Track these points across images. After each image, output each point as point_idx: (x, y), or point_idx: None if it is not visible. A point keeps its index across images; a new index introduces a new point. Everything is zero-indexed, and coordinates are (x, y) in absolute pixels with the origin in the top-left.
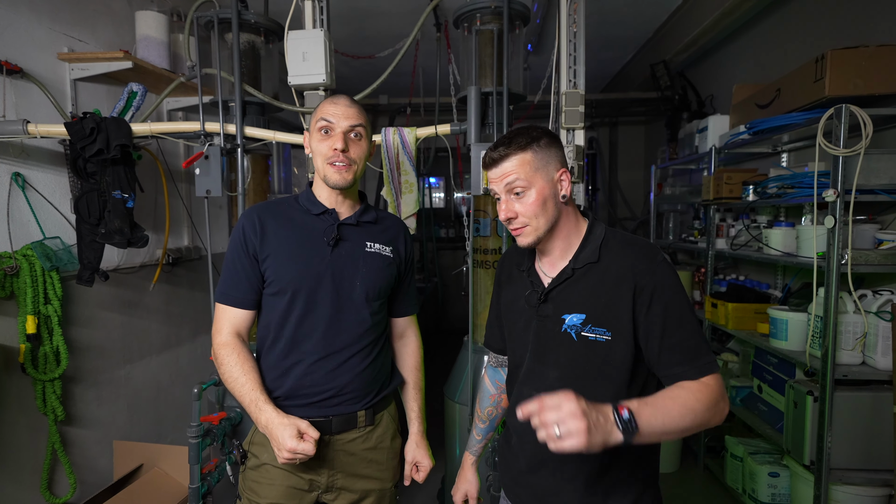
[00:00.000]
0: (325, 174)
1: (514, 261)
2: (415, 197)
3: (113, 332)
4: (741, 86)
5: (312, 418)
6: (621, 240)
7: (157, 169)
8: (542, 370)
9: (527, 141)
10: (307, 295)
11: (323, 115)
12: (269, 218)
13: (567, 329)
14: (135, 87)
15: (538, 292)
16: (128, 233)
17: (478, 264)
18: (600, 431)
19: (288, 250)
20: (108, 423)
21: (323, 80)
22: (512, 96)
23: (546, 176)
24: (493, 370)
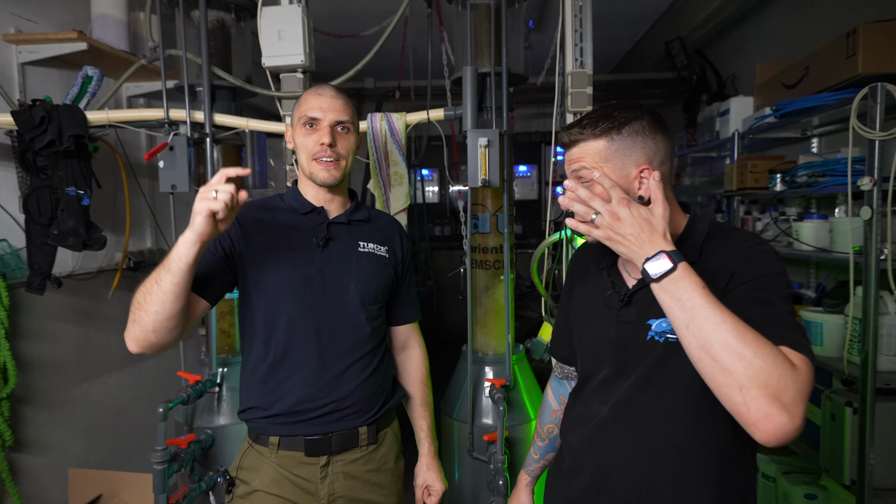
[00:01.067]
0: (312, 171)
1: (593, 255)
2: (405, 190)
3: (67, 347)
4: (766, 64)
5: (310, 436)
6: (727, 235)
7: (115, 162)
8: (616, 382)
9: (606, 127)
10: (296, 300)
11: (307, 108)
12: (252, 217)
13: (654, 337)
14: (90, 72)
15: (620, 294)
16: (83, 234)
17: (476, 264)
18: (637, 235)
19: (274, 252)
20: (63, 449)
21: (301, 61)
22: (512, 77)
23: (619, 170)
24: (559, 382)
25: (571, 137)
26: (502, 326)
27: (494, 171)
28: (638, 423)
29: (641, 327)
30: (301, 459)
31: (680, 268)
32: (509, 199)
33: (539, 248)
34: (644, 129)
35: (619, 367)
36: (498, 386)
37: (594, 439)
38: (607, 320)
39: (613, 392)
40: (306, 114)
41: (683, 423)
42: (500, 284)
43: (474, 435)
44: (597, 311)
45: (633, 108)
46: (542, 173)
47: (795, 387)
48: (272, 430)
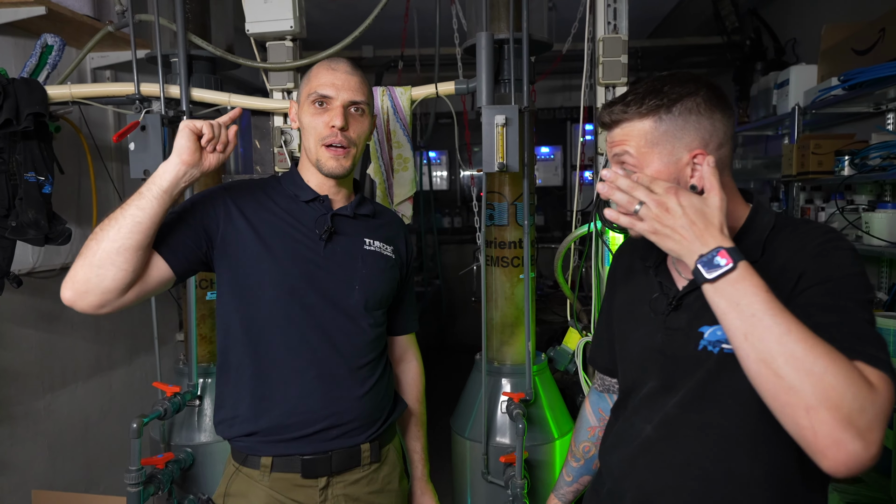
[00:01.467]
0: (319, 158)
1: (638, 253)
2: (410, 176)
3: (28, 353)
4: (833, 26)
5: (307, 455)
6: (796, 228)
7: (79, 144)
8: (662, 398)
9: (654, 104)
10: (292, 299)
11: (318, 85)
12: (246, 197)
13: (707, 346)
14: (49, 40)
15: (668, 296)
16: (45, 226)
17: (492, 261)
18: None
19: (268, 241)
20: (25, 468)
21: (290, 26)
22: (534, 44)
23: (667, 156)
24: (599, 396)
25: (613, 117)
26: (522, 333)
27: (513, 153)
28: (686, 444)
29: (693, 335)
30: (297, 482)
31: (740, 267)
32: (530, 186)
33: (564, 243)
34: (699, 107)
35: (666, 381)
36: (517, 400)
37: (637, 461)
38: (653, 326)
39: (659, 409)
40: (317, 90)
41: (739, 446)
42: (520, 284)
43: (489, 456)
44: (641, 316)
45: (688, 81)
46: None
47: (872, 409)
48: (263, 450)
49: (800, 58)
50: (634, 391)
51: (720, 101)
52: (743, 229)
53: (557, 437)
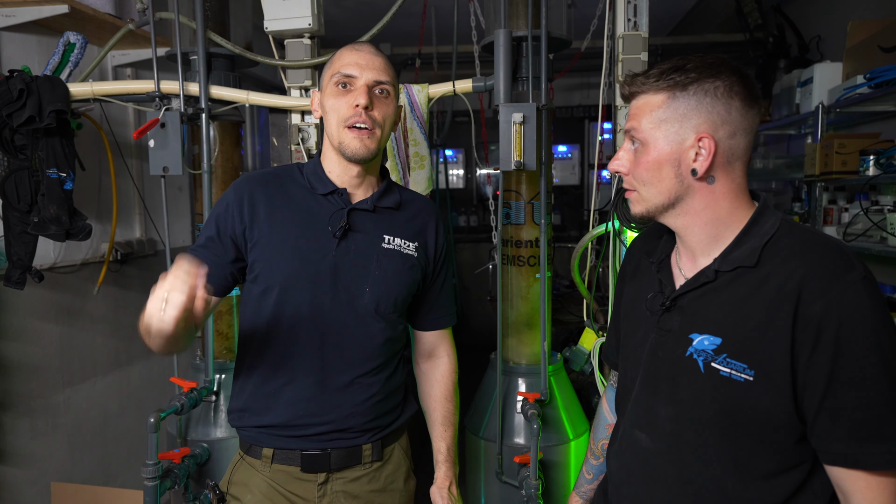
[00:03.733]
0: (342, 140)
1: (648, 247)
2: (427, 174)
3: (49, 348)
4: (859, 23)
5: (308, 451)
6: (800, 239)
7: (100, 140)
8: (651, 404)
9: (672, 81)
10: (300, 297)
11: (342, 65)
12: (262, 194)
13: (694, 354)
14: (72, 38)
15: (664, 295)
16: (66, 222)
17: (509, 260)
18: None
19: (281, 238)
20: (45, 460)
21: (308, 24)
22: (552, 42)
23: (673, 135)
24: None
25: (633, 88)
26: (537, 332)
27: (530, 152)
28: (682, 461)
29: (682, 340)
30: (296, 475)
31: None
32: (547, 184)
33: (581, 243)
34: (717, 91)
35: (651, 383)
36: (532, 401)
37: (634, 472)
38: (649, 326)
39: (650, 416)
40: (340, 70)
41: (734, 468)
42: (536, 284)
43: (504, 456)
44: (640, 314)
45: (715, 64)
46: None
47: None
48: (265, 441)
49: (824, 55)
50: (629, 391)
51: (744, 90)
52: (743, 232)
53: (573, 438)
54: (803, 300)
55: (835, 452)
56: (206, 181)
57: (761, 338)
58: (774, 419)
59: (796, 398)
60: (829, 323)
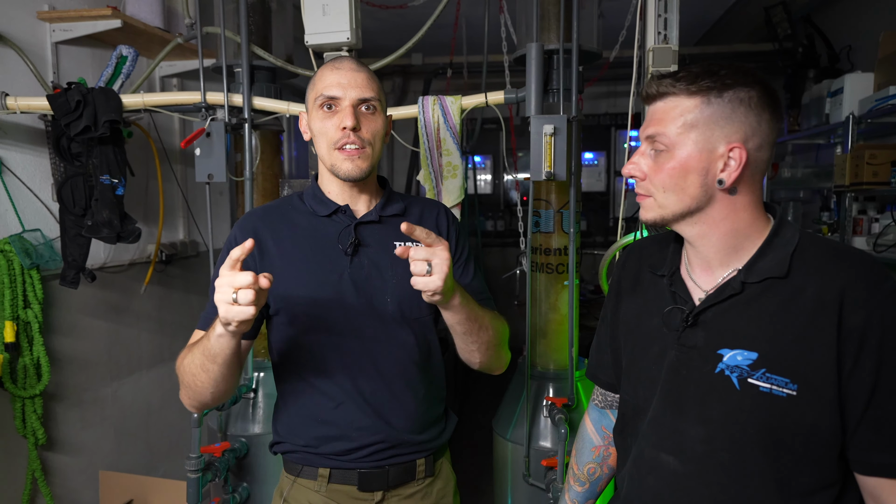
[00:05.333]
0: (334, 163)
1: (648, 260)
2: (459, 183)
3: (98, 343)
4: (892, 33)
5: (364, 469)
6: (826, 249)
7: (148, 148)
8: (676, 425)
9: (706, 85)
10: (326, 321)
11: (324, 87)
12: (267, 229)
13: (726, 370)
14: (124, 51)
15: (683, 311)
16: (117, 225)
17: (537, 267)
18: None
19: (294, 266)
20: (93, 450)
21: (346, 38)
22: (583, 54)
23: (703, 142)
24: (600, 413)
25: (661, 88)
26: (565, 338)
27: (561, 162)
28: (718, 483)
29: (710, 357)
30: (354, 494)
31: None
32: (577, 194)
33: (609, 252)
34: (751, 101)
35: (677, 402)
36: (559, 405)
37: (661, 496)
38: (666, 342)
39: (673, 437)
40: (323, 93)
41: (776, 487)
42: (564, 291)
43: (531, 459)
44: (652, 330)
45: (749, 73)
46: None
47: None
48: (320, 462)
49: (855, 65)
50: (642, 411)
51: (773, 104)
52: (765, 244)
53: None
54: (845, 310)
55: (876, 463)
56: (248, 188)
57: (803, 350)
58: (819, 434)
59: (841, 411)
60: (872, 333)
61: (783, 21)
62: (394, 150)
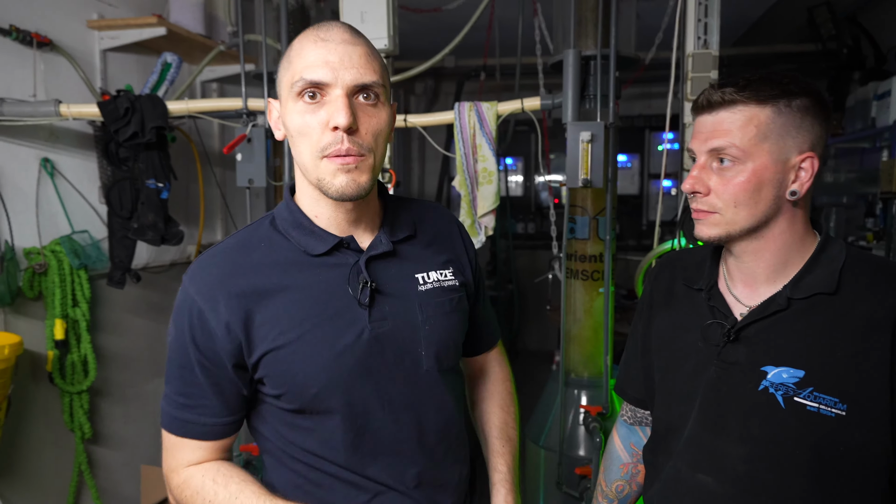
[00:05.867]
0: (320, 177)
1: (683, 273)
2: (494, 189)
3: (140, 340)
4: None
5: None
6: (876, 266)
7: (189, 151)
8: (716, 444)
9: (773, 92)
10: (350, 398)
11: (305, 66)
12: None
13: (770, 388)
14: (169, 59)
15: (724, 326)
16: (162, 228)
17: (572, 274)
18: None
19: (297, 337)
20: (136, 444)
21: (385, 45)
22: (620, 60)
23: (777, 153)
24: (629, 429)
25: (726, 97)
26: (599, 345)
27: (597, 169)
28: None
29: (753, 374)
30: None
31: None
32: (613, 200)
33: (646, 259)
34: (816, 108)
35: (716, 421)
36: (594, 414)
37: None
38: (704, 358)
39: (712, 456)
40: (303, 76)
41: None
42: (599, 298)
43: (563, 466)
44: (688, 346)
45: (804, 80)
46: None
47: None
48: None
49: None
50: (677, 429)
51: (827, 110)
52: (811, 260)
53: None
54: None
55: None
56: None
57: (853, 369)
58: (868, 456)
59: (893, 433)
60: None
61: (827, 21)
62: (425, 151)
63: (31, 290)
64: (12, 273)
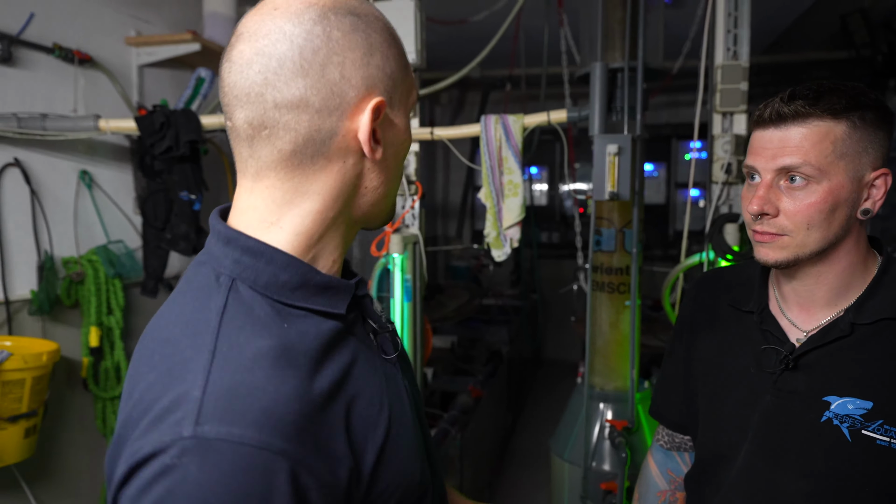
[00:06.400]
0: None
1: (727, 294)
2: (520, 201)
3: None
4: None
5: None
6: None
7: (220, 163)
8: (774, 477)
9: (848, 104)
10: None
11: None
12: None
13: (834, 420)
14: (202, 73)
15: (780, 352)
16: (194, 238)
17: (597, 287)
18: None
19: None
20: None
21: (412, 59)
22: (648, 72)
23: (853, 170)
24: (665, 455)
25: (798, 110)
26: (625, 359)
27: (625, 182)
28: None
29: (814, 404)
30: None
31: None
32: (640, 212)
33: (673, 273)
34: (885, 120)
35: (774, 453)
36: (619, 429)
37: None
38: (758, 386)
39: (770, 489)
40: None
41: None
42: (625, 311)
43: (588, 481)
44: (739, 372)
45: (868, 91)
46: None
47: None
48: None
49: None
50: (727, 459)
51: (893, 122)
52: (875, 282)
53: None
54: None
55: None
56: None
57: None
58: None
59: None
60: None
61: (861, 28)
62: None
63: (68, 298)
64: (52, 282)
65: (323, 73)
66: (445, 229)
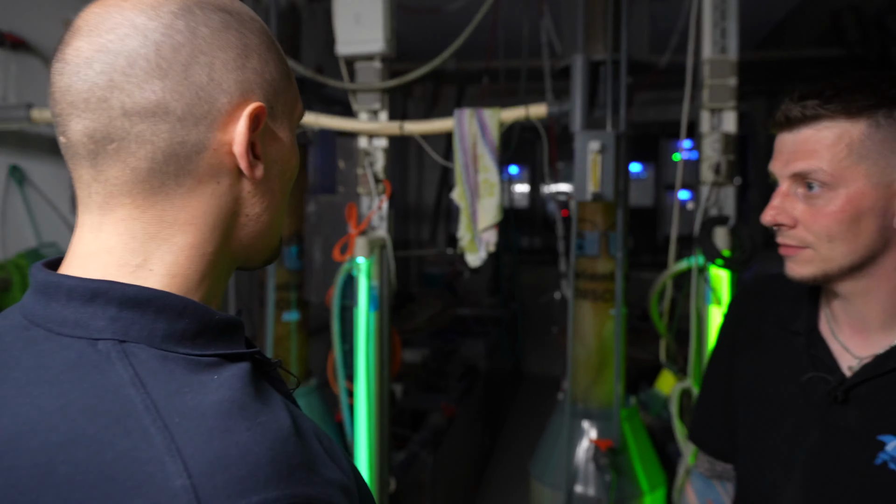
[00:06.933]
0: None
1: (772, 310)
2: (496, 202)
3: None
4: None
5: None
6: None
7: None
8: None
9: (868, 102)
10: None
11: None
12: None
13: (890, 463)
14: None
15: (829, 381)
16: None
17: (581, 294)
18: None
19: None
20: None
21: (380, 47)
22: (633, 66)
23: (877, 175)
24: (705, 483)
25: (808, 111)
26: (610, 373)
27: (608, 181)
28: None
29: (867, 443)
30: None
31: None
32: (624, 214)
33: (660, 280)
34: None
35: (823, 495)
36: (604, 449)
37: None
38: (805, 418)
39: None
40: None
41: None
42: (610, 321)
43: None
44: (782, 400)
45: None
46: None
47: None
48: None
49: None
50: (771, 499)
51: None
52: None
53: (647, 492)
54: None
55: None
56: None
57: None
58: None
59: None
60: None
61: (852, 25)
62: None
63: None
64: None
65: (186, 74)
66: (419, 233)
